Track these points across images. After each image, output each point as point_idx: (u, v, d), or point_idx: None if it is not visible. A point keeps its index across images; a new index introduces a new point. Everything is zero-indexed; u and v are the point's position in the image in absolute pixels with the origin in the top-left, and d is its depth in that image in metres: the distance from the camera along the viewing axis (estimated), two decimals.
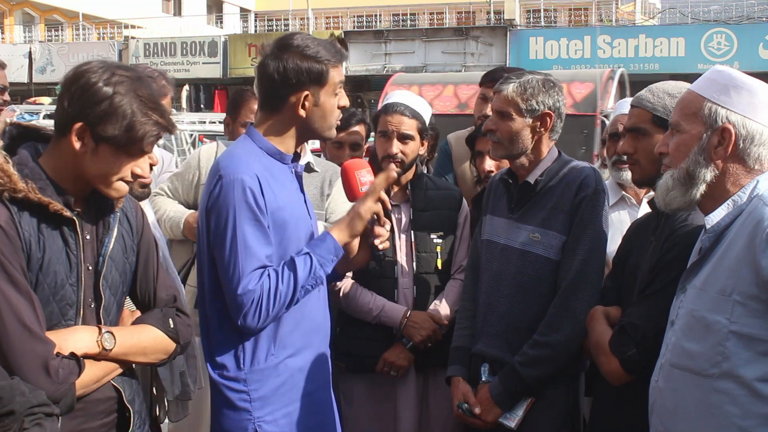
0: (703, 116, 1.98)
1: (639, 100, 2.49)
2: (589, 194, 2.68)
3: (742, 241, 1.85)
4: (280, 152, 2.41)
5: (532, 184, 2.75)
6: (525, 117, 2.71)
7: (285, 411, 2.40)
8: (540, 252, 2.70)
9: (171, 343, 2.14)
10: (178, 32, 27.07)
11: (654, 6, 27.56)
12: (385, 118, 3.22)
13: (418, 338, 3.11)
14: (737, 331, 1.82)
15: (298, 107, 2.37)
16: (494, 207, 2.88)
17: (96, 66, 1.94)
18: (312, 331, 2.47)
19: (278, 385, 2.38)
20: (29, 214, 1.88)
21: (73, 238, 1.95)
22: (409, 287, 3.21)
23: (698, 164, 1.97)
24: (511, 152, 2.76)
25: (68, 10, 30.73)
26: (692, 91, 2.05)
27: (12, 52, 25.64)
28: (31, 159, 1.95)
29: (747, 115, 1.94)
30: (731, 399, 1.84)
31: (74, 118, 1.90)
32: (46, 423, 1.73)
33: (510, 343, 2.73)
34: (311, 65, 2.35)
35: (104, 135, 1.91)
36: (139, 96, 1.94)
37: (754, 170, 1.96)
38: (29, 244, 1.86)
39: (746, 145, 1.94)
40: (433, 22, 28.23)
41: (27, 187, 1.86)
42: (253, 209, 2.26)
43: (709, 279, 1.92)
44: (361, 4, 30.67)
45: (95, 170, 1.96)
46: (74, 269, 1.95)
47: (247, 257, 2.25)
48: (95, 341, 1.95)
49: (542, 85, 2.72)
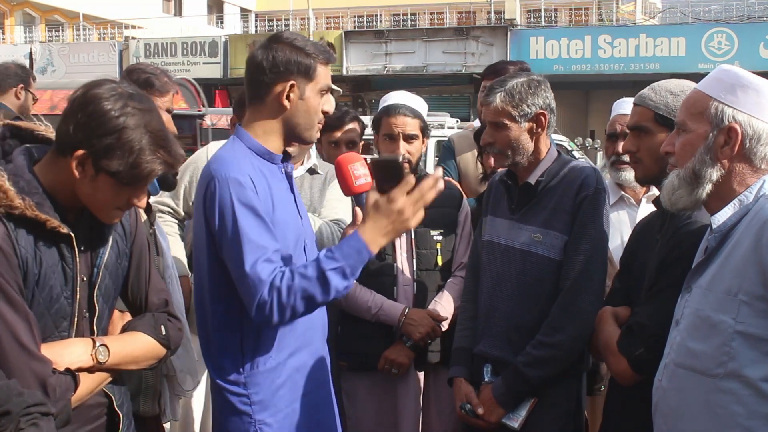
0: (709, 116, 1.96)
1: (641, 98, 2.48)
2: (590, 194, 2.66)
3: (749, 240, 1.84)
4: (268, 152, 2.40)
5: (533, 184, 2.74)
6: (519, 123, 2.69)
7: (285, 412, 2.39)
8: (542, 252, 2.69)
9: (162, 349, 2.13)
10: (179, 32, 27.07)
11: (654, 6, 27.56)
12: (388, 120, 3.22)
13: (417, 336, 3.11)
14: (743, 331, 1.81)
15: (283, 97, 2.35)
16: (495, 208, 2.87)
17: (108, 92, 1.86)
18: (309, 330, 2.46)
19: (278, 386, 2.37)
20: (26, 230, 1.83)
21: (69, 253, 1.92)
22: (409, 284, 3.21)
23: (704, 164, 1.95)
24: (515, 160, 2.74)
25: (69, 10, 30.74)
26: (698, 90, 2.03)
27: (12, 53, 25.64)
28: (26, 169, 1.89)
29: (754, 114, 1.93)
30: (736, 399, 1.82)
31: (77, 144, 1.84)
32: (42, 423, 1.72)
33: (512, 344, 2.72)
34: (300, 57, 2.35)
35: (107, 169, 1.85)
36: (150, 131, 1.87)
37: (760, 170, 1.94)
38: (26, 261, 1.83)
39: (753, 145, 1.93)
40: (433, 22, 28.23)
41: (24, 204, 1.81)
42: (251, 204, 2.24)
43: (714, 279, 1.90)
44: (362, 4, 30.67)
45: (91, 198, 1.91)
46: (69, 282, 1.93)
47: (251, 250, 2.18)
48: (90, 355, 1.94)
49: (528, 87, 2.69)
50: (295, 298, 2.17)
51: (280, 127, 2.41)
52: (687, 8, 22.60)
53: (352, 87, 24.01)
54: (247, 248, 2.19)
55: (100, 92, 1.86)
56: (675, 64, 19.62)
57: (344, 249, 2.19)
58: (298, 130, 2.41)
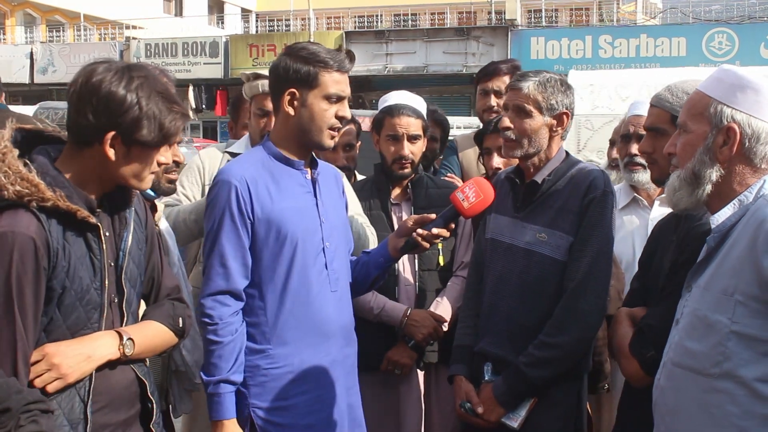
0: (709, 116, 1.96)
1: (658, 99, 2.49)
2: (597, 196, 2.65)
3: (745, 241, 1.83)
4: (285, 157, 2.54)
5: (540, 183, 2.73)
6: (544, 115, 2.69)
7: (280, 404, 2.48)
8: (546, 252, 2.69)
9: (174, 338, 2.21)
10: (179, 33, 27.06)
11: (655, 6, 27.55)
12: (392, 120, 3.23)
13: (419, 337, 3.12)
14: (738, 331, 1.81)
15: (285, 104, 2.49)
16: (499, 205, 2.86)
17: (108, 72, 1.92)
18: (317, 330, 2.52)
19: (274, 377, 2.47)
20: (56, 221, 1.88)
21: (96, 244, 1.97)
22: (410, 285, 3.22)
23: (704, 164, 1.95)
24: (527, 151, 2.73)
25: (69, 10, 30.74)
26: (699, 90, 2.03)
27: (13, 53, 25.66)
28: (50, 165, 1.94)
29: (753, 114, 1.91)
30: (731, 399, 1.82)
31: (105, 128, 1.90)
32: (42, 420, 1.75)
33: (513, 343, 2.72)
34: (299, 65, 2.47)
35: (139, 140, 1.93)
36: (160, 93, 1.96)
37: (761, 169, 1.94)
38: (57, 253, 1.87)
39: (752, 144, 1.92)
40: (434, 22, 28.22)
41: (55, 195, 1.87)
42: (233, 215, 2.44)
43: (712, 278, 1.90)
44: (363, 4, 30.67)
45: (129, 171, 1.99)
46: (98, 273, 1.97)
47: (218, 277, 2.46)
48: (117, 348, 2.00)
49: (560, 84, 2.72)
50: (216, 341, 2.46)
51: (292, 133, 2.54)
52: (688, 8, 22.59)
53: (353, 87, 23.77)
54: (214, 272, 2.48)
55: (102, 76, 1.92)
56: (676, 64, 19.60)
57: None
58: (308, 136, 2.53)
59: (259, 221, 2.46)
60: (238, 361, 2.44)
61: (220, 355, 2.42)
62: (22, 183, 1.84)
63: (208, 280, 2.47)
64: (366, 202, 3.27)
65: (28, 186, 1.84)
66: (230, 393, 2.43)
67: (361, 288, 2.77)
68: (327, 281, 2.55)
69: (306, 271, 2.50)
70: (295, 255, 2.48)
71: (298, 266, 2.49)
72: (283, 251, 2.47)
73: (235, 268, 2.45)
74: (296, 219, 2.49)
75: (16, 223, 1.82)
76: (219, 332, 2.42)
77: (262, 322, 2.49)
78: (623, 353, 2.38)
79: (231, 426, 2.43)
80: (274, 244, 2.46)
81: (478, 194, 2.60)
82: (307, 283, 2.50)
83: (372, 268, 2.72)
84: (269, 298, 2.48)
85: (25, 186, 1.84)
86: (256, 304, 2.49)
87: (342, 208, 2.74)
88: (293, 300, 2.49)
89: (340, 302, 2.60)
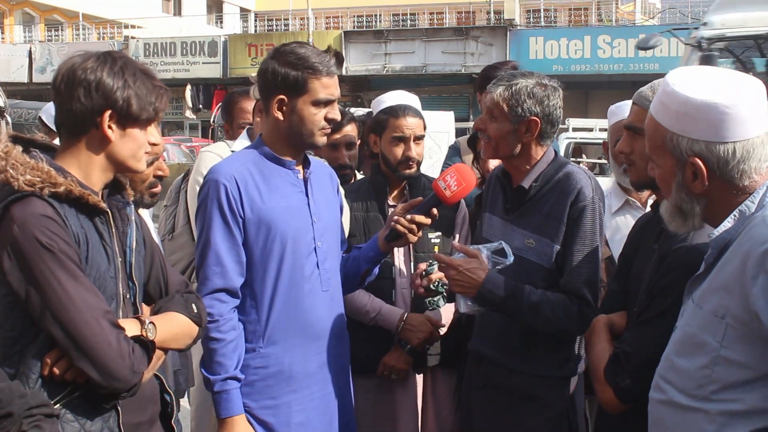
0: (669, 148, 1.82)
1: (639, 97, 2.37)
2: (585, 204, 2.63)
3: (737, 260, 1.71)
4: (276, 156, 2.55)
5: (527, 189, 2.73)
6: (510, 121, 2.68)
7: (270, 403, 2.50)
8: (533, 259, 2.68)
9: (195, 327, 2.17)
10: (178, 32, 27.05)
11: (654, 6, 27.57)
12: (397, 121, 3.22)
13: (415, 341, 3.11)
14: (725, 356, 1.72)
15: (275, 110, 2.50)
16: (492, 204, 2.87)
17: (88, 60, 1.96)
18: (307, 329, 2.54)
19: (264, 376, 2.50)
20: (68, 207, 1.88)
21: (107, 231, 1.97)
22: (407, 288, 3.21)
23: (683, 200, 1.85)
24: (498, 153, 2.74)
25: (68, 10, 30.73)
26: (652, 117, 1.88)
27: (12, 52, 25.66)
28: (52, 162, 1.94)
29: (710, 139, 1.76)
30: (709, 418, 1.75)
31: (101, 108, 1.92)
32: (45, 424, 1.74)
33: (504, 346, 2.73)
34: (288, 71, 2.47)
35: (133, 116, 1.96)
36: (140, 70, 2.00)
37: (748, 185, 1.79)
38: (77, 237, 1.87)
39: (724, 170, 1.77)
40: (433, 22, 28.24)
41: (67, 180, 1.87)
42: (225, 213, 2.45)
43: (704, 295, 1.81)
44: (361, 3, 30.67)
45: (128, 152, 2.00)
46: (111, 261, 1.97)
47: (214, 276, 2.46)
48: (140, 333, 1.97)
49: (531, 91, 2.66)
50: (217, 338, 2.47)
51: (283, 135, 2.55)
52: (686, 8, 22.61)
53: (352, 87, 24.01)
54: (210, 271, 2.49)
55: (85, 64, 1.95)
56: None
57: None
58: (299, 138, 2.54)
59: (249, 220, 2.47)
60: (240, 358, 2.45)
61: (224, 353, 2.42)
62: (32, 171, 1.84)
63: (205, 279, 2.46)
64: (362, 203, 3.26)
65: (39, 174, 1.84)
66: (237, 389, 2.44)
67: (352, 283, 2.78)
68: (318, 280, 2.56)
69: (297, 271, 2.51)
70: (286, 254, 2.49)
71: (289, 265, 2.50)
72: (273, 250, 2.48)
73: (230, 265, 2.45)
74: (287, 218, 2.50)
75: (31, 209, 1.81)
76: (221, 329, 2.42)
77: (253, 320, 2.50)
78: (598, 378, 2.29)
79: (241, 422, 2.43)
80: (265, 243, 2.47)
81: (459, 182, 2.62)
82: (299, 283, 2.51)
83: (362, 261, 2.74)
84: (260, 297, 2.49)
85: (36, 174, 1.83)
86: (247, 302, 2.50)
87: (336, 208, 2.74)
88: (284, 299, 2.50)
89: (331, 302, 2.61)
